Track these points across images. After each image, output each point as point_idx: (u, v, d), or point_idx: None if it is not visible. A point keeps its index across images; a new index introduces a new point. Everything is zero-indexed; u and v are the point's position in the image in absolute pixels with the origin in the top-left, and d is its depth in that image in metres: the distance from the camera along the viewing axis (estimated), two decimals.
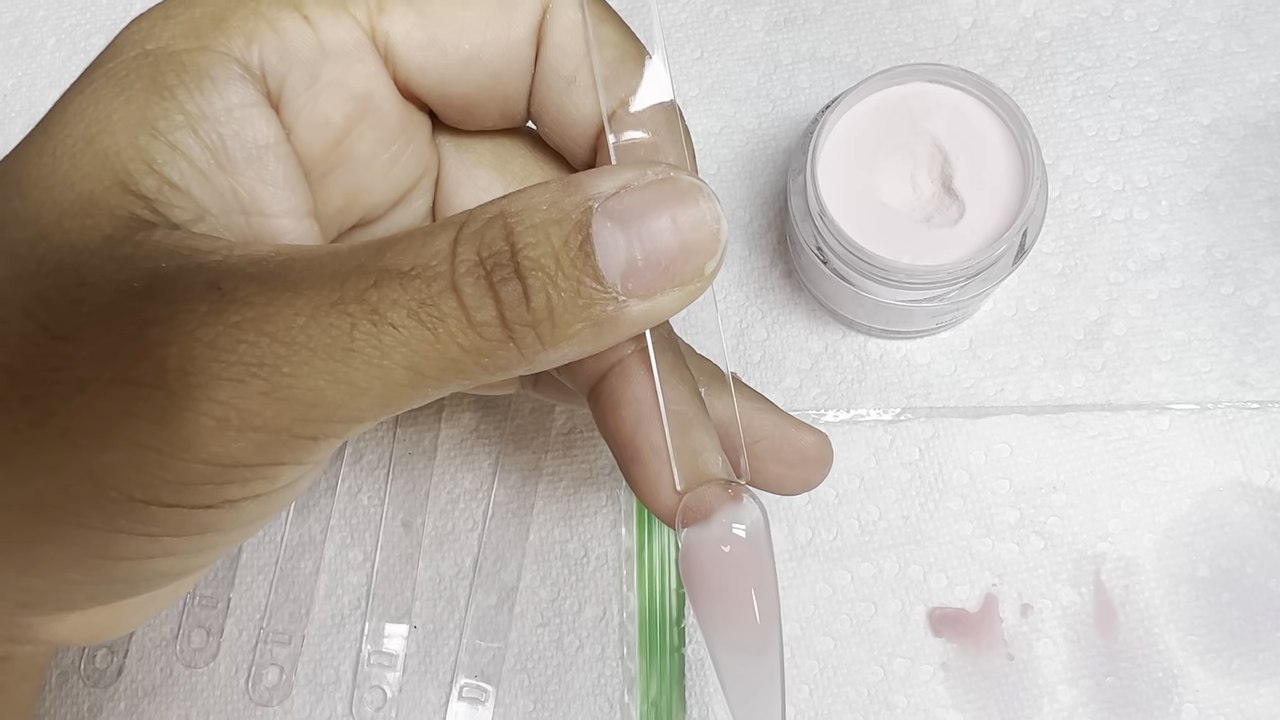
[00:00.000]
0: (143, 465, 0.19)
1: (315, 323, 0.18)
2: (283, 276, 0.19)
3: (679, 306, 0.21)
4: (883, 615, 0.36)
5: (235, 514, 0.20)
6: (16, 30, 0.44)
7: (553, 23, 0.23)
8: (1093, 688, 0.35)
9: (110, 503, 0.19)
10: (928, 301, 0.34)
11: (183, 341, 0.18)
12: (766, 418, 0.26)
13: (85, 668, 0.37)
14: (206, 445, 0.18)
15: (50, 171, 0.20)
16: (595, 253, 0.19)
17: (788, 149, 0.41)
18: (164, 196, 0.20)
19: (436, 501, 0.38)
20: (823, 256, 0.34)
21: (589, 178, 0.20)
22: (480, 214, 0.20)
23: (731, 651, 0.23)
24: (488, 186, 0.26)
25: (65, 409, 0.19)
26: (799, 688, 0.36)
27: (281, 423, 0.19)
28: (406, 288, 0.19)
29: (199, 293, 0.19)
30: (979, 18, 0.41)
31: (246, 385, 0.18)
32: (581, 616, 0.37)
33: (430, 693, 0.37)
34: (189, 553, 0.21)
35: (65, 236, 0.20)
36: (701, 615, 0.23)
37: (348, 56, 0.22)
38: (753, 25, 0.42)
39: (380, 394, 0.19)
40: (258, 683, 0.37)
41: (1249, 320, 0.38)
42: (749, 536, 0.23)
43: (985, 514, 0.37)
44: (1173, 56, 0.40)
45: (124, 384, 0.18)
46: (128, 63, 0.21)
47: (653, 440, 0.23)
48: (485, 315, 0.19)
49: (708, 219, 0.20)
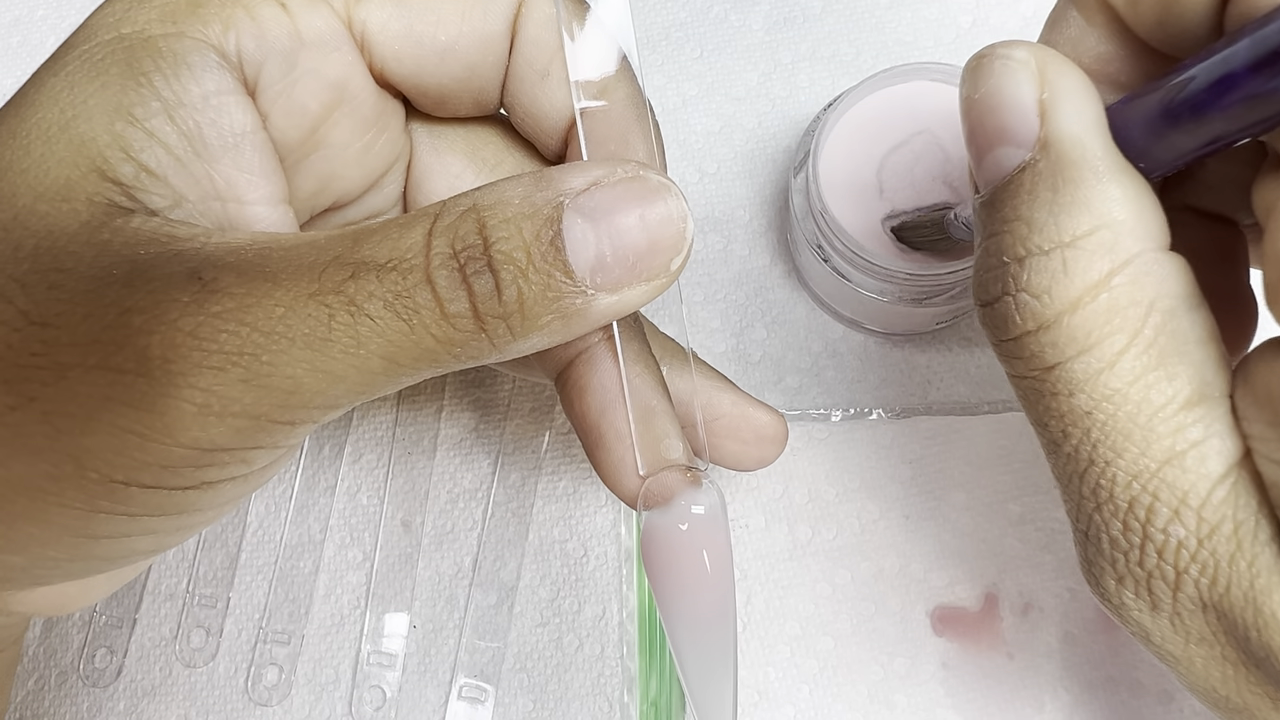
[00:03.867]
0: (124, 449, 0.19)
1: (294, 313, 0.19)
2: (261, 266, 0.19)
3: (645, 300, 0.21)
4: (883, 614, 0.36)
5: (212, 495, 0.21)
6: (16, 30, 0.44)
7: (527, 16, 0.24)
8: (1093, 687, 0.35)
9: (91, 484, 0.19)
10: (928, 301, 0.34)
11: (165, 331, 0.19)
12: (725, 396, 0.27)
13: (85, 668, 0.37)
14: (188, 430, 0.19)
15: (24, 155, 0.20)
16: (565, 248, 0.20)
17: (787, 148, 0.41)
18: (141, 183, 0.21)
19: (436, 501, 0.38)
20: (823, 255, 0.34)
21: (560, 173, 0.21)
22: (454, 206, 0.20)
23: (688, 625, 0.24)
24: (459, 173, 0.26)
25: (46, 394, 0.19)
26: (799, 687, 0.36)
27: (260, 409, 0.19)
28: (383, 280, 0.19)
29: (179, 282, 0.19)
30: (979, 17, 0.41)
31: (227, 373, 0.19)
32: (581, 616, 0.37)
33: (430, 692, 0.37)
34: (166, 531, 0.21)
35: (41, 221, 0.20)
36: (659, 591, 0.24)
37: (324, 45, 0.23)
38: (752, 24, 0.42)
39: (356, 381, 0.20)
40: (257, 682, 0.37)
41: None
42: (707, 515, 0.24)
43: (986, 513, 0.37)
44: None
45: (106, 370, 0.19)
46: (103, 46, 0.21)
47: (616, 425, 0.24)
48: (458, 307, 0.20)
49: (675, 217, 0.21)
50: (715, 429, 0.28)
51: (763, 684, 0.36)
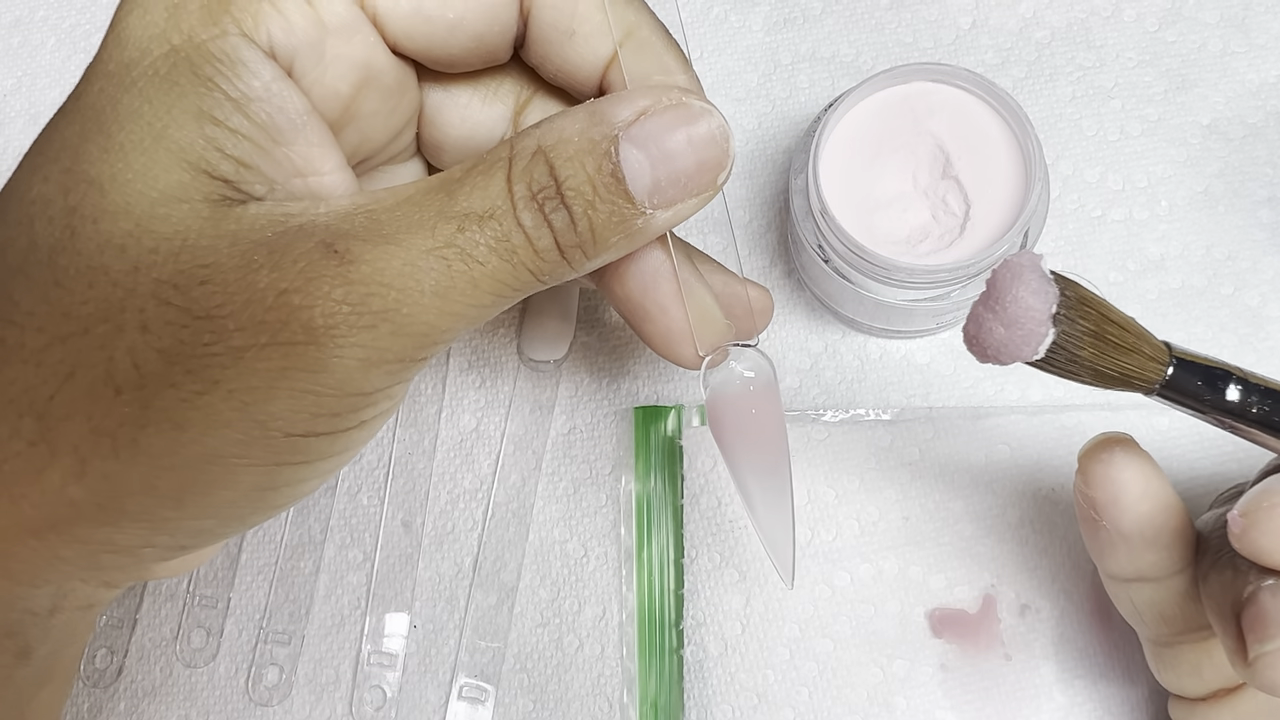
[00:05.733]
0: (302, 407, 0.22)
1: (419, 269, 0.22)
2: (377, 231, 0.22)
3: (696, 210, 0.24)
4: (882, 616, 0.36)
5: (367, 431, 0.24)
6: (16, 30, 0.44)
7: None
8: (1090, 688, 0.35)
9: (274, 441, 0.22)
10: (928, 301, 0.34)
11: (323, 303, 0.21)
12: (720, 277, 0.30)
13: (85, 668, 0.37)
14: (354, 381, 0.22)
15: (125, 168, 0.22)
16: (625, 177, 0.23)
17: (787, 149, 0.41)
18: (241, 176, 0.23)
19: (436, 501, 0.38)
20: (824, 255, 0.34)
21: (609, 105, 0.23)
22: (522, 150, 0.23)
23: (753, 473, 0.29)
24: (467, 102, 0.28)
25: (228, 375, 0.21)
26: (798, 689, 0.36)
27: (405, 352, 0.22)
28: (484, 229, 0.22)
29: (318, 258, 0.22)
30: (979, 18, 0.41)
31: (379, 329, 0.22)
32: (581, 616, 0.37)
33: (430, 692, 0.37)
34: (329, 471, 0.24)
35: (166, 225, 0.22)
36: (725, 447, 0.29)
37: (347, 30, 0.24)
38: (753, 25, 0.42)
39: (473, 316, 0.23)
40: (258, 683, 0.37)
41: (1248, 320, 0.38)
42: (759, 379, 0.29)
43: (985, 515, 0.37)
44: (1172, 56, 0.40)
45: (278, 345, 0.21)
46: (164, 60, 0.23)
47: (660, 301, 0.27)
48: (545, 243, 0.23)
49: (718, 136, 0.24)
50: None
51: (762, 686, 0.36)
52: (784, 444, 0.29)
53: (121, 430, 0.21)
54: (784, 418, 0.29)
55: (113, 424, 0.21)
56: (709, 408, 0.29)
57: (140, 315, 0.21)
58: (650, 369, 0.39)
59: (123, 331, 0.21)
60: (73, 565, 0.23)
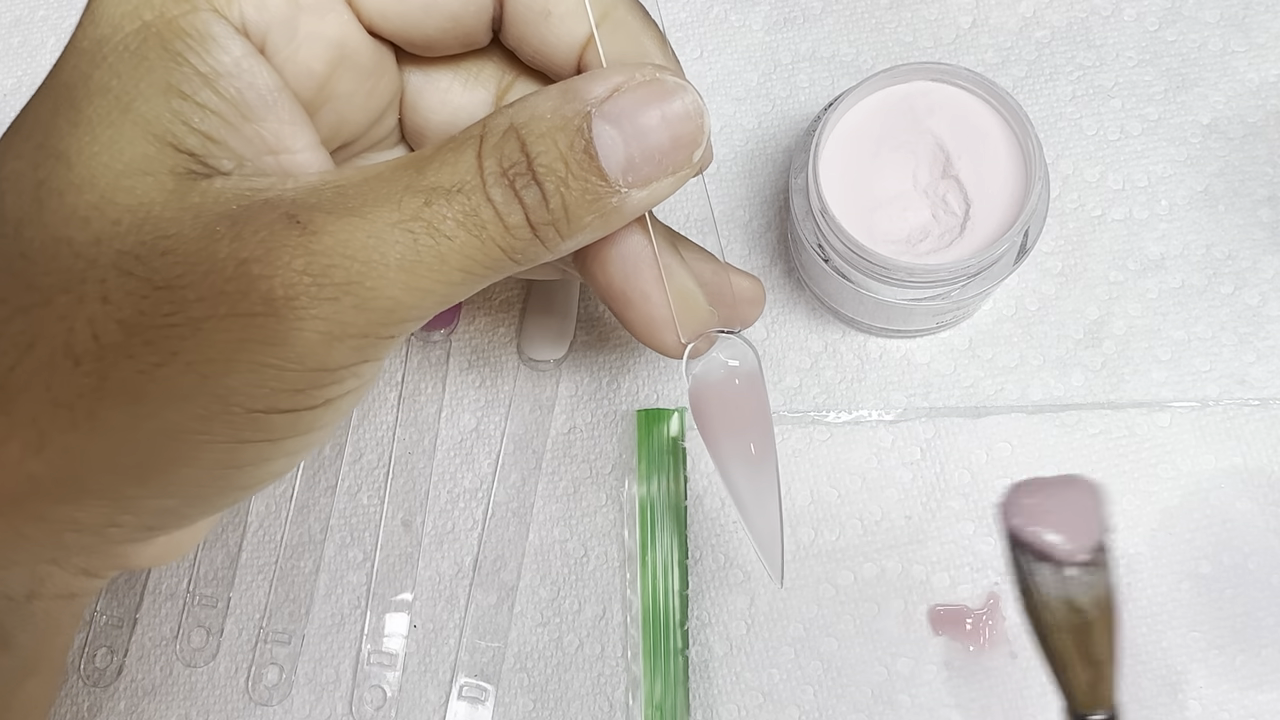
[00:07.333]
0: (262, 381, 0.21)
1: (384, 241, 0.22)
2: (343, 204, 0.22)
3: (672, 190, 0.24)
4: (886, 615, 0.36)
5: (333, 410, 0.23)
6: (16, 30, 0.44)
7: None
8: None
9: (236, 418, 0.22)
10: (929, 300, 0.34)
11: (283, 273, 0.21)
12: (706, 266, 0.29)
13: (85, 668, 0.37)
14: (315, 355, 0.22)
15: (91, 140, 0.22)
16: (598, 154, 0.22)
17: (787, 148, 0.41)
18: (208, 150, 0.22)
19: (436, 501, 0.38)
20: (824, 255, 0.34)
21: (584, 83, 0.23)
22: (495, 127, 0.23)
23: (738, 463, 0.28)
24: (448, 86, 0.28)
25: (186, 347, 0.21)
26: (803, 688, 0.36)
27: (370, 328, 0.22)
28: (452, 203, 0.22)
29: (281, 229, 0.21)
30: (979, 17, 0.41)
31: (341, 302, 0.21)
32: (581, 616, 0.37)
33: (430, 692, 0.37)
34: (296, 451, 0.24)
35: (130, 196, 0.22)
36: (709, 437, 0.28)
37: (320, 7, 0.24)
38: (752, 25, 0.42)
39: (441, 293, 0.23)
40: (258, 682, 0.37)
41: (1248, 319, 0.38)
42: (743, 368, 0.28)
43: (987, 513, 0.37)
44: (1172, 56, 0.41)
45: (237, 317, 0.21)
46: (134, 35, 0.22)
47: (641, 288, 0.26)
48: (515, 219, 0.22)
49: (692, 113, 0.23)
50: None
51: (767, 685, 0.36)
52: (770, 433, 0.28)
53: (80, 402, 0.21)
54: (769, 406, 0.29)
55: (71, 395, 0.21)
56: (691, 396, 0.29)
57: (101, 286, 0.21)
58: (650, 369, 0.39)
59: (83, 302, 0.21)
60: (39, 545, 0.23)
